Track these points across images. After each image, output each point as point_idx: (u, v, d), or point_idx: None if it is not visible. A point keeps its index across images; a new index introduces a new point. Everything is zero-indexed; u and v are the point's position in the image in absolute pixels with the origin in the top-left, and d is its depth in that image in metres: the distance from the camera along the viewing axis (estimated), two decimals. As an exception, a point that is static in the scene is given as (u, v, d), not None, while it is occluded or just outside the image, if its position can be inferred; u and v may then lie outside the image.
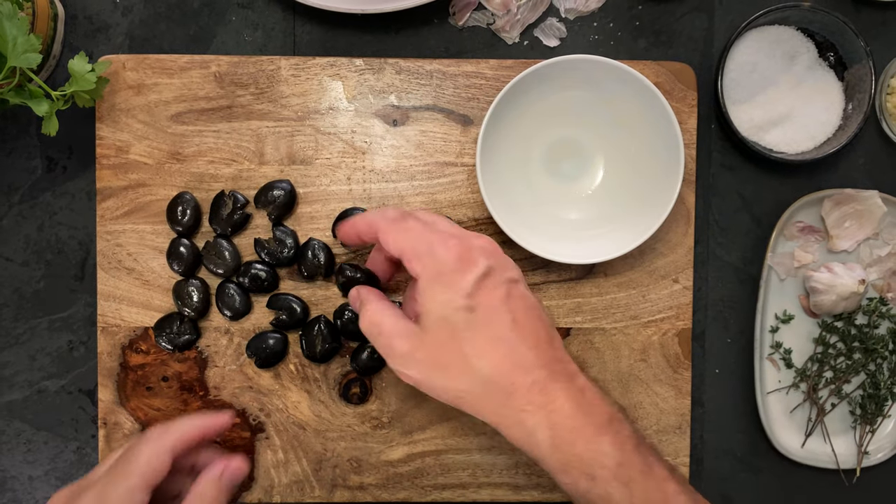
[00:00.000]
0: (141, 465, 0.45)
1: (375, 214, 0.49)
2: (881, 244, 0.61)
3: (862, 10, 0.61)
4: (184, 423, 0.47)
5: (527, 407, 0.44)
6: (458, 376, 0.45)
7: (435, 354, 0.45)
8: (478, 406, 0.45)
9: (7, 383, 0.60)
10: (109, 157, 0.58)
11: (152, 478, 0.45)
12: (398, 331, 0.46)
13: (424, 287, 0.45)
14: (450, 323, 0.45)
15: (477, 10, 0.60)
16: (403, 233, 0.47)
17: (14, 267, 0.60)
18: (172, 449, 0.46)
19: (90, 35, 0.60)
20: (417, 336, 0.46)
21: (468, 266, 0.45)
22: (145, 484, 0.44)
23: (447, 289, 0.45)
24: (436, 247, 0.46)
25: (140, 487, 0.44)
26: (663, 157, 0.55)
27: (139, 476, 0.44)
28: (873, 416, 0.61)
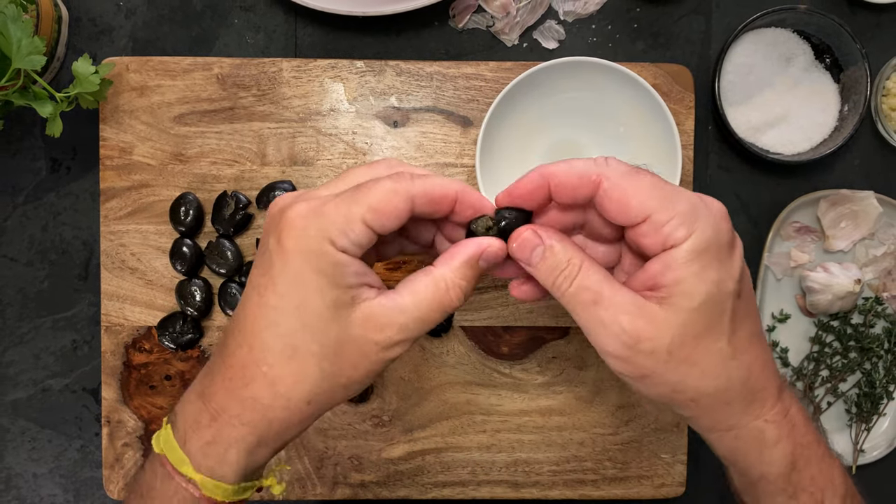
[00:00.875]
0: (372, 198, 0.36)
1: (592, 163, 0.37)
2: (877, 244, 0.61)
3: (857, 12, 0.61)
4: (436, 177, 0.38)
5: (770, 416, 0.38)
6: (704, 376, 0.36)
7: (682, 346, 0.36)
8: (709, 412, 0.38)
9: (12, 382, 0.61)
10: (113, 158, 0.59)
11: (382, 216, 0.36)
12: (627, 305, 0.36)
13: (690, 260, 0.35)
14: (718, 309, 0.36)
15: (477, 13, 0.61)
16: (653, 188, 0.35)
17: (18, 267, 0.61)
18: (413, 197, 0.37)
19: (94, 37, 0.61)
20: (658, 318, 0.35)
21: (736, 240, 0.37)
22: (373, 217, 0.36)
23: (721, 266, 0.35)
24: (704, 210, 0.35)
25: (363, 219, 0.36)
26: (661, 158, 0.56)
27: (367, 208, 0.36)
28: (869, 414, 0.62)
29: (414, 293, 0.38)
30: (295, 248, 0.36)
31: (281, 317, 0.37)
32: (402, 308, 0.37)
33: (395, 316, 0.37)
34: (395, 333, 0.37)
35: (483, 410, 0.60)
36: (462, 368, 0.60)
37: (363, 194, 0.36)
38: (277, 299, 0.37)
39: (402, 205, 0.37)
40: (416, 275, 0.38)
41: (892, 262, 0.61)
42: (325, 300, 0.36)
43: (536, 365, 0.60)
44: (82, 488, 0.62)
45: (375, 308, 0.37)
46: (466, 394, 0.60)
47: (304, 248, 0.36)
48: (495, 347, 0.60)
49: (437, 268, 0.38)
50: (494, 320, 0.60)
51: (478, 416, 0.60)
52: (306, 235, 0.36)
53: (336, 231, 0.36)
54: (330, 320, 0.37)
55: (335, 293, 0.36)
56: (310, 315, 0.37)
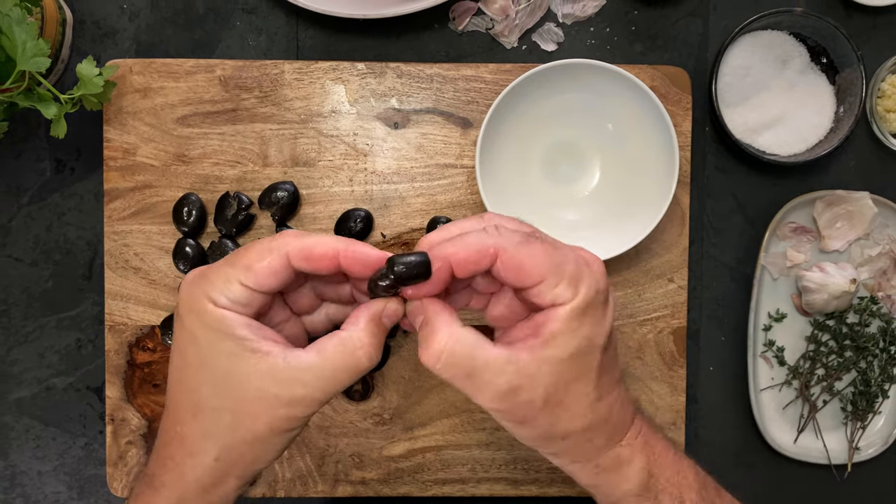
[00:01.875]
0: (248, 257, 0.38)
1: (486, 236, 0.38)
2: (872, 244, 0.62)
3: (853, 15, 0.62)
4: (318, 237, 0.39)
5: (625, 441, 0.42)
6: (574, 417, 0.39)
7: (555, 392, 0.38)
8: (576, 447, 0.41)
9: (16, 381, 0.62)
10: (117, 159, 0.59)
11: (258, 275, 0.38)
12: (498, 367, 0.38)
13: (570, 318, 0.38)
14: (586, 361, 0.39)
15: (476, 16, 0.61)
16: (545, 255, 0.38)
17: (23, 267, 0.61)
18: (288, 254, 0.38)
19: (98, 40, 0.61)
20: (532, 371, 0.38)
21: (610, 298, 0.40)
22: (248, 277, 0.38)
23: (595, 324, 0.38)
24: (587, 272, 0.38)
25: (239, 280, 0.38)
26: (659, 159, 0.56)
27: (242, 268, 0.38)
28: (864, 412, 0.62)
29: (320, 352, 0.38)
30: (186, 311, 0.39)
31: (185, 374, 0.39)
32: (307, 365, 0.37)
33: (298, 373, 0.37)
34: (298, 389, 0.37)
35: (483, 409, 0.61)
36: (462, 367, 0.61)
37: (241, 255, 0.39)
38: (182, 359, 0.39)
39: (276, 262, 0.38)
40: (325, 337, 0.39)
41: (887, 262, 0.62)
42: (219, 353, 0.38)
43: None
44: (86, 486, 0.63)
45: (278, 362, 0.37)
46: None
47: (191, 309, 0.38)
48: (495, 346, 0.61)
49: (343, 330, 0.39)
50: (494, 319, 0.61)
51: (477, 415, 0.61)
52: (191, 298, 0.38)
53: (215, 292, 0.38)
54: (228, 373, 0.38)
55: (227, 344, 0.37)
56: (207, 369, 0.38)
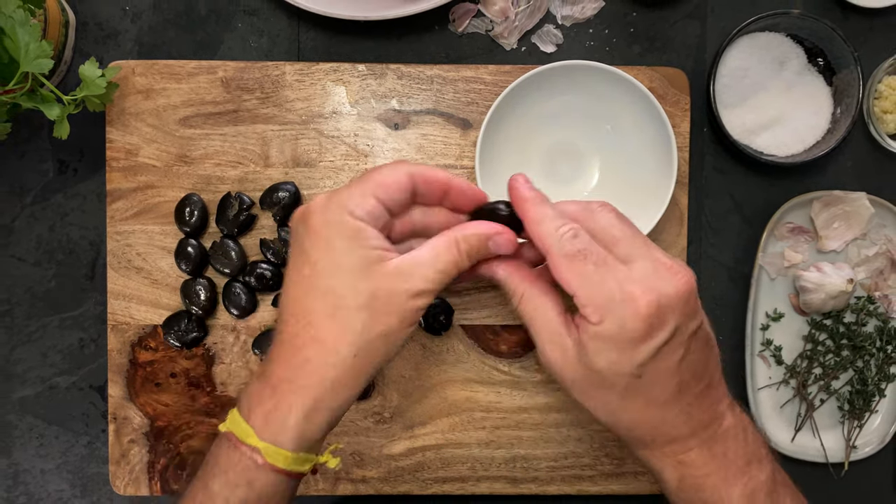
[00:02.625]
0: (378, 176, 0.43)
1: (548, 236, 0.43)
2: (869, 244, 0.62)
3: (850, 16, 0.62)
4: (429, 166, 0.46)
5: (654, 455, 0.45)
6: (599, 412, 0.44)
7: (584, 388, 0.44)
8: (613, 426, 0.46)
9: (20, 379, 0.62)
10: (119, 159, 0.60)
11: (388, 189, 0.43)
12: (552, 337, 0.44)
13: (593, 337, 0.42)
14: (607, 381, 0.42)
15: (476, 17, 0.62)
16: (581, 275, 0.42)
17: (26, 267, 0.62)
18: (413, 174, 0.44)
19: (100, 41, 0.61)
20: (571, 359, 0.43)
21: (654, 332, 0.41)
22: (381, 192, 0.43)
23: (620, 354, 0.41)
24: (619, 307, 0.41)
25: (373, 193, 0.42)
26: (657, 159, 0.57)
27: (375, 183, 0.43)
28: (861, 411, 0.63)
29: (432, 248, 0.43)
30: (321, 222, 0.42)
31: (318, 281, 0.42)
32: (422, 261, 0.43)
33: (417, 267, 0.42)
34: (420, 282, 0.42)
35: (482, 407, 0.61)
36: (462, 366, 0.61)
37: (371, 174, 0.44)
38: (312, 268, 0.42)
39: (403, 178, 0.43)
40: (434, 238, 0.44)
41: (883, 261, 0.62)
42: (354, 259, 0.42)
43: (535, 363, 0.61)
44: (89, 484, 0.63)
45: (401, 262, 0.42)
46: (466, 391, 0.61)
47: (328, 221, 0.42)
48: (494, 346, 0.61)
49: (452, 231, 0.44)
50: (493, 319, 0.61)
51: (477, 413, 0.61)
52: (328, 211, 0.42)
53: (353, 204, 0.42)
54: (361, 276, 0.42)
55: (362, 252, 0.42)
56: (343, 274, 0.42)
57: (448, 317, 0.60)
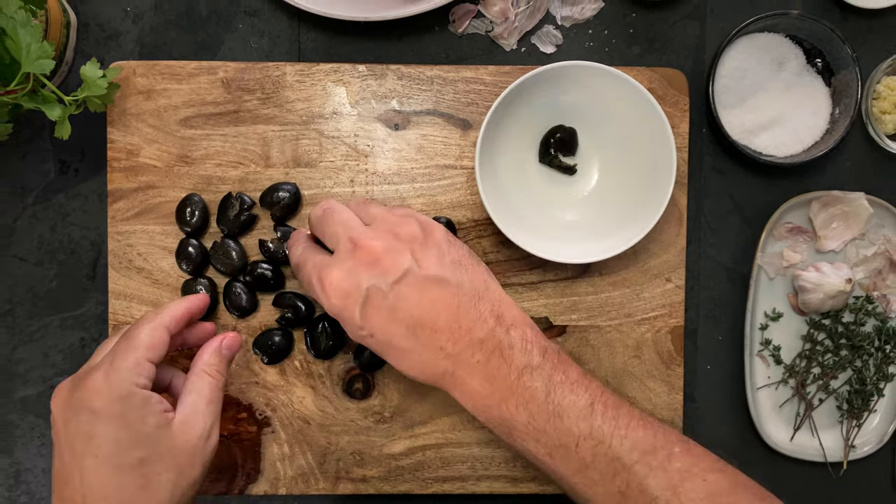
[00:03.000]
0: (144, 339, 0.47)
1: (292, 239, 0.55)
2: (867, 244, 0.63)
3: (848, 17, 0.63)
4: (170, 305, 0.51)
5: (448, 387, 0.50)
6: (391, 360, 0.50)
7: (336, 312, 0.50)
8: None
9: (21, 379, 0.62)
10: (120, 160, 0.60)
11: (156, 350, 0.47)
12: None
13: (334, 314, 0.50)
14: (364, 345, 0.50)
15: (476, 18, 0.62)
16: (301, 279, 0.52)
17: (28, 266, 0.62)
18: (167, 325, 0.49)
19: (102, 42, 0.62)
20: None
21: (348, 301, 0.48)
22: (152, 355, 0.47)
23: (347, 325, 0.49)
24: (319, 294, 0.49)
25: (146, 358, 0.46)
26: (656, 160, 0.57)
27: (145, 348, 0.47)
28: (860, 410, 0.63)
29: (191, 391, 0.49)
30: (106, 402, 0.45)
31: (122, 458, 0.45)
32: (194, 404, 0.48)
33: (195, 413, 0.48)
34: (205, 422, 0.48)
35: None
36: (462, 366, 0.61)
37: (134, 339, 0.47)
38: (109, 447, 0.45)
39: (164, 335, 0.48)
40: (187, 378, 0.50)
41: (882, 261, 0.63)
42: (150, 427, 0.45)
43: (534, 362, 0.61)
44: (90, 483, 0.63)
45: (181, 416, 0.47)
46: (466, 391, 0.61)
47: (115, 398, 0.45)
48: (494, 345, 0.61)
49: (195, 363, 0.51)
50: (493, 319, 0.61)
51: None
52: (111, 389, 0.45)
53: (134, 375, 0.46)
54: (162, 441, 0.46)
55: (153, 419, 0.46)
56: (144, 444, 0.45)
57: (448, 316, 0.60)
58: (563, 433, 0.47)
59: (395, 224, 0.50)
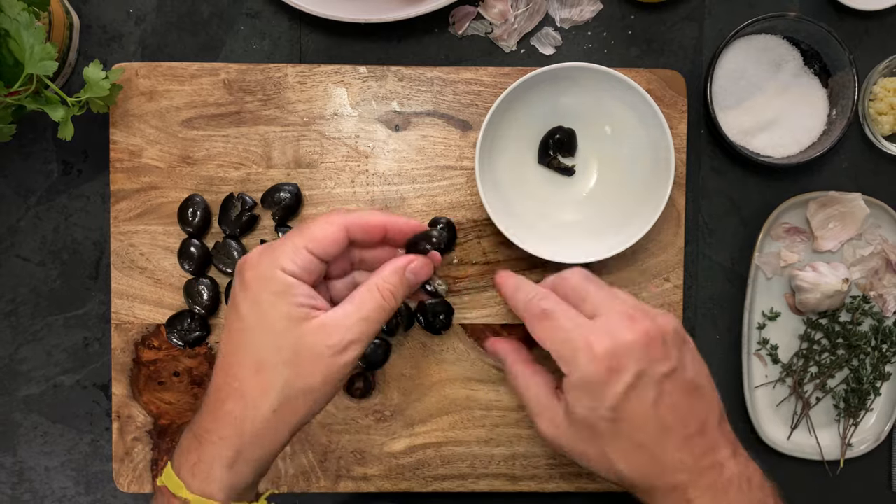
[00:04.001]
0: (313, 229, 0.45)
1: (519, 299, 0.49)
2: (864, 244, 0.63)
3: (845, 19, 0.63)
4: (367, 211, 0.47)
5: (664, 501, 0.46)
6: (599, 467, 0.47)
7: (577, 445, 0.47)
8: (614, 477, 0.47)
9: (25, 378, 0.63)
10: (123, 160, 0.60)
11: (321, 243, 0.44)
12: (541, 409, 0.48)
13: (569, 388, 0.46)
14: (593, 427, 0.45)
15: (476, 20, 0.62)
16: (549, 331, 0.46)
17: (31, 267, 0.62)
18: (346, 225, 0.45)
19: (104, 44, 0.62)
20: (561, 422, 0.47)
21: (615, 377, 0.44)
22: (314, 246, 0.44)
23: (592, 398, 0.45)
24: (581, 355, 0.44)
25: (305, 247, 0.44)
26: (655, 160, 0.57)
27: (309, 237, 0.44)
28: (856, 409, 0.63)
29: (353, 299, 0.45)
30: (252, 277, 0.44)
31: (245, 336, 0.44)
32: (346, 314, 0.44)
33: (341, 321, 0.44)
34: (344, 335, 0.44)
35: (482, 406, 0.62)
36: (461, 365, 0.62)
37: (305, 228, 0.45)
38: (240, 322, 0.44)
39: (338, 232, 0.45)
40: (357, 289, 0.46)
41: (878, 261, 0.63)
42: (281, 315, 0.43)
43: (534, 361, 0.62)
44: (93, 481, 0.64)
45: (325, 318, 0.44)
46: (466, 389, 0.62)
47: (259, 275, 0.44)
48: (494, 344, 0.62)
49: (373, 276, 0.47)
50: (493, 318, 0.62)
51: (477, 412, 0.62)
52: (261, 266, 0.44)
53: (285, 259, 0.43)
54: (286, 332, 0.43)
55: (288, 308, 0.43)
56: (268, 330, 0.43)
57: (448, 316, 0.61)
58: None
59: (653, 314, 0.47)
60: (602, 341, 0.44)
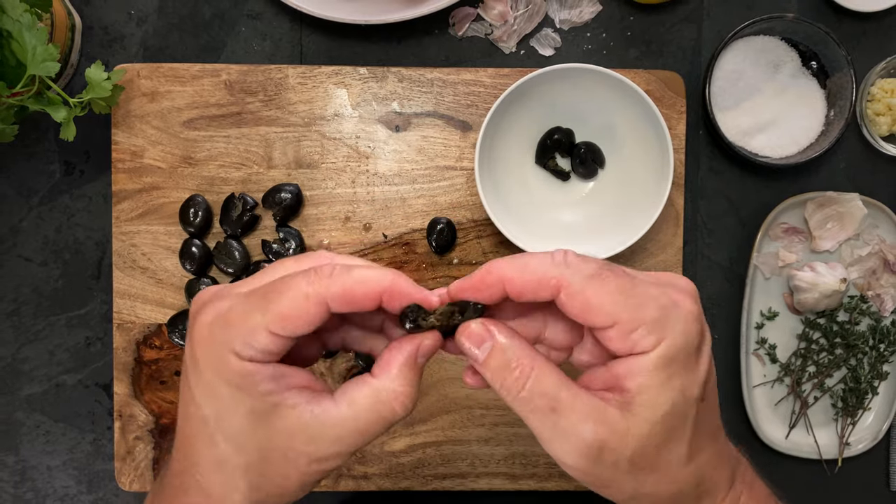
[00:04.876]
0: (281, 304, 0.33)
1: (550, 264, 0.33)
2: (861, 244, 0.63)
3: (843, 20, 0.63)
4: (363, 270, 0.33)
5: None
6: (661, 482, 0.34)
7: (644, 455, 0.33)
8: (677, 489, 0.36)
9: (27, 377, 0.63)
10: (124, 161, 0.61)
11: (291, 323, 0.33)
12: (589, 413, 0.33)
13: (656, 369, 0.32)
14: (681, 417, 0.33)
15: (476, 21, 0.63)
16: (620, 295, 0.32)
17: (34, 267, 0.63)
18: (328, 299, 0.33)
19: (106, 45, 0.62)
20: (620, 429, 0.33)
21: (705, 340, 0.34)
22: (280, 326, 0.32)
23: (688, 373, 0.33)
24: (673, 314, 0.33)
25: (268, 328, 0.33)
26: (653, 161, 0.58)
27: (275, 317, 0.33)
28: (854, 408, 0.64)
29: (351, 404, 0.34)
30: (203, 358, 0.34)
31: (203, 428, 0.35)
32: (337, 419, 0.34)
33: (328, 427, 0.34)
34: (329, 446, 0.34)
35: (482, 405, 0.62)
36: (462, 364, 0.62)
37: (270, 300, 0.33)
38: (197, 410, 0.35)
39: (314, 309, 0.33)
40: (355, 383, 0.35)
41: (876, 261, 0.63)
42: (241, 412, 0.34)
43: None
44: (95, 480, 0.64)
45: (305, 417, 0.34)
46: (466, 389, 0.62)
47: (211, 358, 0.34)
48: (494, 344, 0.62)
49: (376, 378, 0.34)
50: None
51: (477, 411, 0.62)
52: (213, 345, 0.34)
53: (240, 342, 0.33)
54: (250, 432, 0.34)
55: (250, 403, 0.33)
56: (229, 428, 0.34)
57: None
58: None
59: None
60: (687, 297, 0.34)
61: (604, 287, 0.32)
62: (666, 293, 0.33)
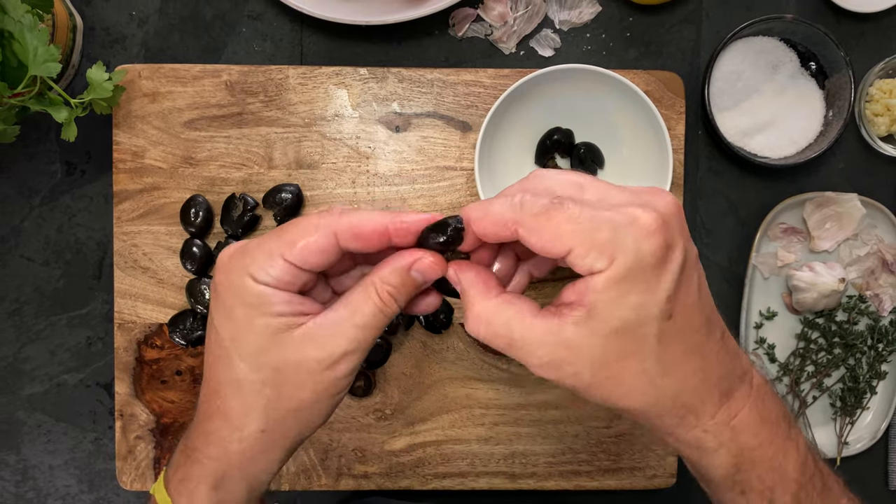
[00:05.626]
0: (291, 233, 0.36)
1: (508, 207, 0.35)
2: (860, 244, 0.64)
3: (842, 21, 0.64)
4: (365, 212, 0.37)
5: (708, 426, 0.37)
6: (630, 393, 0.36)
7: (603, 367, 0.35)
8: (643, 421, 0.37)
9: (29, 377, 0.63)
10: (126, 161, 0.61)
11: (302, 252, 0.36)
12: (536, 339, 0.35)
13: (604, 288, 0.33)
14: (637, 335, 0.34)
15: (475, 22, 0.63)
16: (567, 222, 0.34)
17: (35, 266, 0.63)
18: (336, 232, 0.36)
19: (107, 45, 0.63)
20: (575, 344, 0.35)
21: (670, 255, 0.34)
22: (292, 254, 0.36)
23: (643, 290, 0.34)
24: (627, 233, 0.33)
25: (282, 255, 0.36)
26: (653, 161, 0.58)
27: (287, 244, 0.36)
28: (853, 408, 0.64)
29: (346, 302, 0.37)
30: (223, 284, 0.37)
31: (222, 352, 0.38)
32: (338, 319, 0.37)
33: (332, 329, 0.37)
34: (337, 345, 0.37)
35: (482, 404, 0.62)
36: (461, 364, 0.62)
37: (285, 231, 0.37)
38: (216, 335, 0.38)
39: (324, 240, 0.36)
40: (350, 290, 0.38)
41: (874, 261, 0.63)
42: (258, 330, 0.37)
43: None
44: (96, 479, 0.64)
45: (311, 328, 0.37)
46: (465, 388, 0.62)
47: (229, 284, 0.37)
48: (493, 344, 0.62)
49: (370, 275, 0.38)
50: (493, 318, 0.62)
51: (476, 410, 0.62)
52: (231, 272, 0.37)
53: (256, 267, 0.36)
54: (264, 348, 0.37)
55: (265, 321, 0.36)
56: (245, 346, 0.37)
57: (448, 315, 0.61)
58: None
59: None
60: (647, 211, 0.34)
61: (552, 221, 0.34)
62: (625, 212, 0.34)
